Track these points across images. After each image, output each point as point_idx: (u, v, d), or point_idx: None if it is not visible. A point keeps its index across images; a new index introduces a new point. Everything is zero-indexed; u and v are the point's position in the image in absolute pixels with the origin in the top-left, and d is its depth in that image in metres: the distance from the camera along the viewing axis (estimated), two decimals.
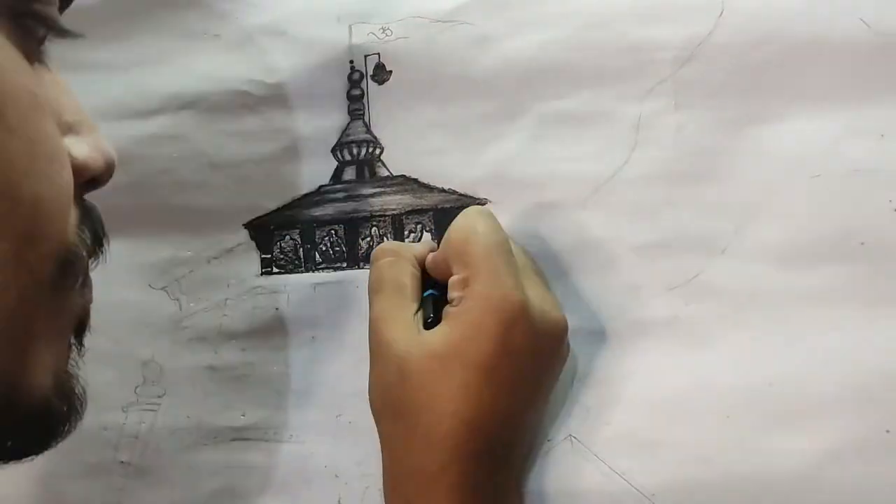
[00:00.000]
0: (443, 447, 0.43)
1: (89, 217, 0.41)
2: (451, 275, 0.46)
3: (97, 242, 0.41)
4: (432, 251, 0.49)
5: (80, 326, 0.42)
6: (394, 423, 0.45)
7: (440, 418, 0.43)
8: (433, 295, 0.47)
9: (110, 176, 0.42)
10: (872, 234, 0.46)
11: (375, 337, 0.46)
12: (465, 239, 0.46)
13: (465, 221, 0.47)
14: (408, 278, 0.48)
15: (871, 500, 0.45)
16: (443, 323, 0.45)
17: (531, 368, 0.45)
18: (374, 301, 0.48)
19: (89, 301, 0.42)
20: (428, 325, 0.46)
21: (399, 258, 0.48)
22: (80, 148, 0.39)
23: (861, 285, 0.46)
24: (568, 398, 0.50)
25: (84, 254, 0.40)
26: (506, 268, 0.45)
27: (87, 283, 0.41)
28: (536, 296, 0.46)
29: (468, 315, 0.44)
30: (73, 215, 0.38)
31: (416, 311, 0.47)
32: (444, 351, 0.44)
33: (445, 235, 0.47)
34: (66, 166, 0.37)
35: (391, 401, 0.45)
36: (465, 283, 0.45)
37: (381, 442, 0.46)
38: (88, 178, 0.40)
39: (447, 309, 0.45)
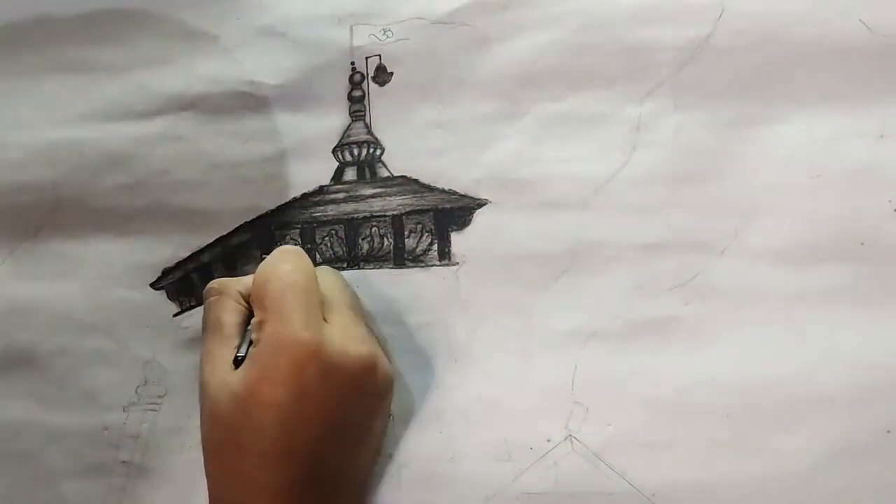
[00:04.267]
0: (252, 483, 0.45)
1: None
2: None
3: None
4: None
5: None
6: (211, 461, 0.47)
7: (244, 457, 0.45)
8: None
9: None
10: (872, 234, 0.47)
11: (200, 378, 0.48)
12: (262, 281, 0.47)
13: (265, 263, 0.48)
14: (229, 315, 0.49)
15: (871, 500, 0.46)
16: (244, 364, 0.46)
17: (331, 406, 0.46)
18: (202, 342, 0.49)
19: None
20: (239, 362, 0.47)
21: (222, 295, 0.49)
22: None
23: (861, 285, 0.47)
24: (568, 398, 0.50)
25: None
26: (297, 308, 0.45)
27: None
28: (339, 333, 0.46)
29: (262, 357, 0.45)
30: None
31: (238, 348, 0.48)
32: (243, 393, 0.45)
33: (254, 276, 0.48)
34: None
35: (208, 440, 0.47)
36: (261, 325, 0.46)
37: (207, 479, 0.48)
38: None
39: (251, 350, 0.46)
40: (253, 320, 0.47)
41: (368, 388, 0.48)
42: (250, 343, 0.46)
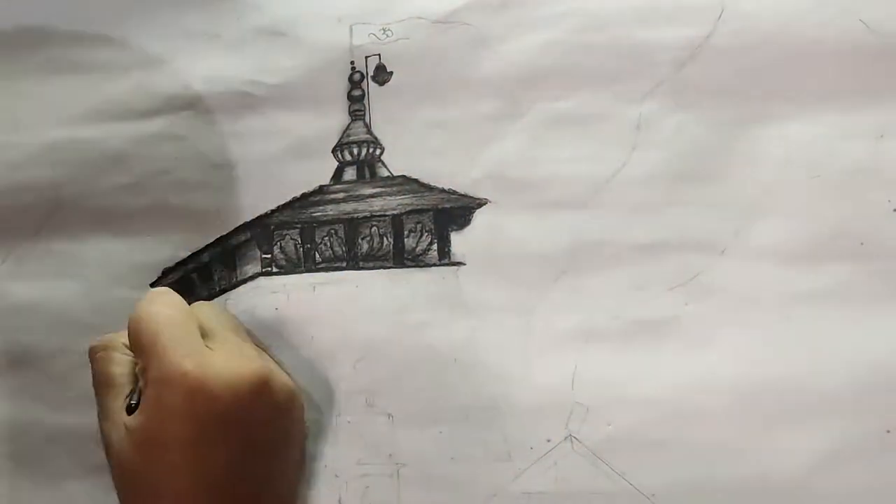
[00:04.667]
0: None
1: None
2: None
3: None
4: None
5: None
6: None
7: (161, 501, 0.45)
8: None
9: None
10: (872, 234, 0.47)
11: (101, 435, 0.48)
12: (135, 326, 0.47)
13: (135, 308, 0.48)
14: (116, 367, 0.49)
15: (871, 500, 0.46)
16: (138, 410, 0.46)
17: (232, 428, 0.45)
18: (96, 401, 0.49)
19: None
20: (133, 409, 0.46)
21: (107, 350, 0.49)
22: None
23: (861, 285, 0.47)
24: (568, 398, 0.50)
25: None
26: (174, 341, 0.45)
27: None
28: (224, 355, 0.46)
29: (151, 397, 0.45)
30: None
31: (129, 396, 0.47)
32: (142, 438, 0.45)
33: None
34: None
35: (121, 493, 0.47)
36: (145, 368, 0.46)
37: None
38: None
39: (142, 396, 0.46)
40: (137, 366, 0.47)
41: (267, 402, 0.47)
42: (140, 390, 0.46)
